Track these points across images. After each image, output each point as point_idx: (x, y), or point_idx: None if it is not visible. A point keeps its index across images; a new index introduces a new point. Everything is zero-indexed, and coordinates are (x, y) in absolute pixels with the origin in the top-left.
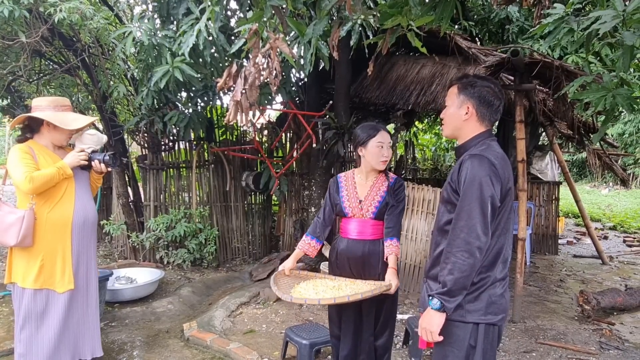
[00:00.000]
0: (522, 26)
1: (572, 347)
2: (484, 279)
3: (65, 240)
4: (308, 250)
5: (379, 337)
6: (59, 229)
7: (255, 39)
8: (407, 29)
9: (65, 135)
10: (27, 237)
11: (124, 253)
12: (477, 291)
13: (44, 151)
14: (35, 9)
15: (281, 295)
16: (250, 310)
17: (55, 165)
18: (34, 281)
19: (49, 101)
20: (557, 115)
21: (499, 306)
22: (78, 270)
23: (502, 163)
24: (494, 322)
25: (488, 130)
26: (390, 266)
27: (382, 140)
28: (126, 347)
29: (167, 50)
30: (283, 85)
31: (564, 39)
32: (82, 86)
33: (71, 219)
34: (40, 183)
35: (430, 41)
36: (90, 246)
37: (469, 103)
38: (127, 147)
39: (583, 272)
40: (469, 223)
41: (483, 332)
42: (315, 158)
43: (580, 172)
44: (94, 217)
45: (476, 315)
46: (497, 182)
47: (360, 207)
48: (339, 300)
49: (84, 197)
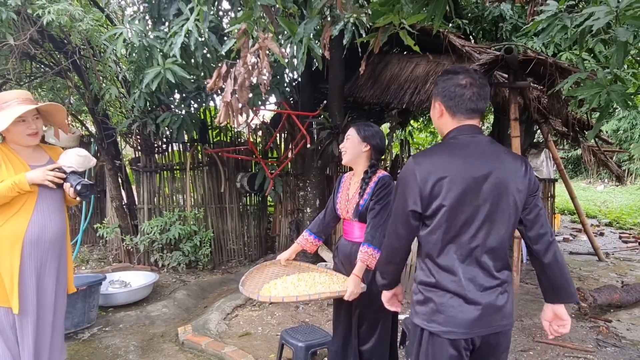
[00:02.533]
0: (516, 24)
1: (569, 345)
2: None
3: (14, 260)
4: (306, 246)
5: (365, 342)
6: (8, 246)
7: (245, 39)
8: (399, 27)
9: (17, 134)
10: None
11: (119, 256)
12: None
13: (11, 156)
14: (24, 11)
15: (245, 292)
16: (246, 312)
17: (11, 179)
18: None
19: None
20: (552, 113)
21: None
22: (28, 292)
23: (430, 163)
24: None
25: (458, 127)
26: (353, 272)
27: (347, 134)
28: (120, 352)
29: (158, 51)
30: (276, 86)
31: (557, 36)
32: (73, 89)
33: (22, 236)
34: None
35: (424, 40)
36: (47, 266)
37: (437, 101)
38: (120, 150)
39: (579, 269)
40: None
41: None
42: (310, 158)
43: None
44: (54, 234)
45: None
46: (408, 190)
47: (347, 208)
48: (288, 300)
49: (44, 213)
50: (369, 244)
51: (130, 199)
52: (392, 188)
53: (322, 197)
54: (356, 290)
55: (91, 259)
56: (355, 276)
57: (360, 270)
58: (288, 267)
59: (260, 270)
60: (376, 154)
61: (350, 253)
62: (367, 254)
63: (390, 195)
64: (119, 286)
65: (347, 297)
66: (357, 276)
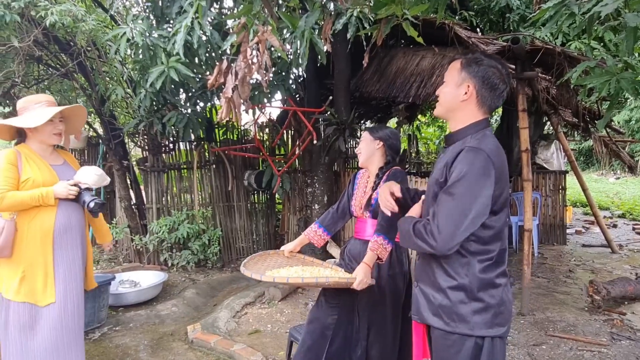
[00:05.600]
0: (523, 14)
1: (582, 338)
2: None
3: (47, 252)
4: (313, 239)
5: (372, 347)
6: (40, 239)
7: (244, 33)
8: (402, 18)
9: (45, 134)
10: (5, 249)
11: (129, 256)
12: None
13: (32, 156)
14: (27, 13)
15: (247, 272)
16: (255, 310)
17: (40, 190)
18: (15, 293)
19: (23, 102)
20: (561, 103)
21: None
22: (58, 282)
23: (500, 156)
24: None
25: (485, 119)
26: (363, 261)
27: (360, 138)
28: (130, 352)
29: (162, 50)
30: (282, 82)
31: (565, 24)
32: (80, 90)
33: (52, 227)
34: (10, 204)
35: (429, 32)
36: (75, 255)
37: (470, 82)
38: (127, 150)
39: (592, 261)
40: (440, 220)
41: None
42: (317, 155)
43: (587, 160)
44: (79, 223)
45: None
46: (491, 185)
47: (360, 204)
48: (292, 281)
49: (67, 202)
50: (380, 233)
51: (139, 199)
52: (402, 180)
53: (330, 194)
54: (365, 280)
55: (101, 259)
56: (365, 265)
57: (371, 260)
58: (291, 260)
59: (262, 257)
60: (391, 152)
61: (361, 252)
62: (377, 243)
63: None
64: (128, 286)
65: (355, 285)
66: (367, 265)
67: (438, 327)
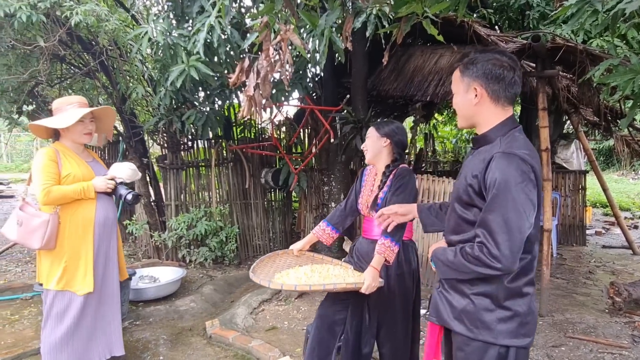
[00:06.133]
0: (543, 11)
1: (603, 340)
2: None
3: (88, 242)
4: (322, 237)
5: (383, 346)
6: (81, 231)
7: (266, 32)
8: (422, 16)
9: (76, 133)
10: (50, 241)
11: (148, 252)
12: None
13: (69, 153)
14: (53, 13)
15: (255, 279)
16: (272, 307)
17: (82, 184)
18: (57, 282)
19: (57, 104)
20: (582, 102)
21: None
22: (98, 271)
23: (535, 160)
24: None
25: (511, 117)
26: (370, 264)
27: (366, 135)
28: (150, 346)
29: (182, 49)
30: (299, 81)
31: (587, 21)
32: (101, 88)
33: (93, 220)
34: (55, 198)
35: (448, 30)
36: (111, 245)
37: (474, 84)
38: (147, 148)
39: (613, 263)
40: (497, 239)
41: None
42: (333, 153)
43: (608, 160)
44: (114, 216)
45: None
46: (533, 188)
47: (367, 202)
48: (300, 288)
49: (104, 196)
50: (386, 236)
51: (158, 196)
52: (409, 179)
53: (347, 192)
54: (374, 284)
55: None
56: (373, 269)
57: (378, 263)
58: (300, 258)
59: (272, 258)
60: (398, 149)
61: (368, 251)
62: (384, 245)
63: (408, 187)
64: (148, 281)
65: (363, 289)
66: (375, 269)
67: (460, 332)
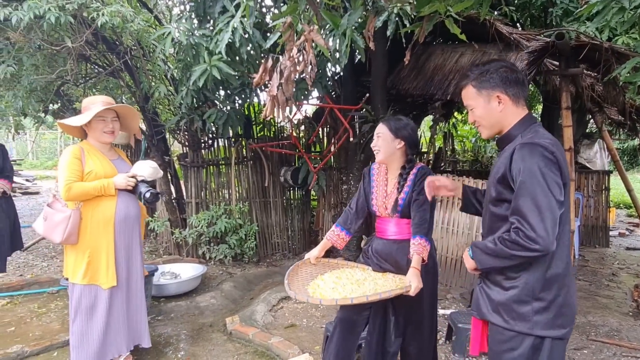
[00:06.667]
0: (567, 8)
1: (626, 344)
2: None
3: (109, 237)
4: (336, 242)
5: (410, 344)
6: (102, 226)
7: (290, 32)
8: (445, 15)
9: (97, 131)
10: (72, 236)
11: (169, 249)
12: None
13: (94, 151)
14: (80, 14)
15: (293, 295)
16: (290, 304)
17: (102, 181)
18: (82, 277)
19: (85, 102)
20: (607, 101)
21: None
22: (121, 265)
23: (558, 148)
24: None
25: (529, 114)
26: (412, 266)
27: (376, 132)
28: (172, 340)
29: (204, 49)
30: (319, 80)
31: (613, 19)
32: (125, 88)
33: (113, 216)
34: (76, 194)
35: (469, 28)
36: (133, 240)
37: (495, 92)
38: (168, 146)
39: (637, 265)
40: (531, 221)
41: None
42: (352, 152)
43: (632, 160)
44: (135, 212)
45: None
46: (556, 170)
47: (385, 204)
48: (357, 301)
49: (125, 193)
50: (420, 235)
51: (179, 193)
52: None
53: None
54: (420, 285)
55: (144, 252)
56: (415, 269)
57: (418, 263)
58: (318, 266)
59: (295, 272)
60: (411, 149)
61: (391, 251)
62: (420, 245)
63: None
64: (169, 277)
65: (412, 292)
66: (417, 269)
67: (496, 323)
